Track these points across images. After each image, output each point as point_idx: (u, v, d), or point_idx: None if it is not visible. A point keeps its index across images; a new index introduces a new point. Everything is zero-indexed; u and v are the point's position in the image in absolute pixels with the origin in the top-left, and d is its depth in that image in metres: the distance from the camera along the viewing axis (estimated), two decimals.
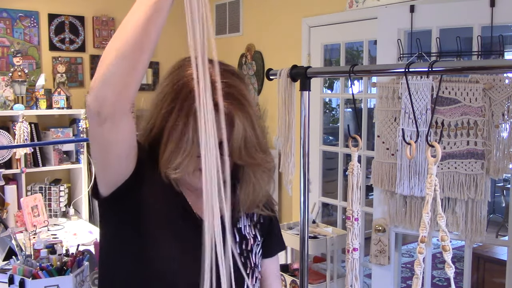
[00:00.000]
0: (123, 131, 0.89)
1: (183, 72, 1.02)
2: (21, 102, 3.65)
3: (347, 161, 3.85)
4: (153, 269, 1.03)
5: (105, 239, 1.12)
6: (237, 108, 0.99)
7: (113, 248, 1.09)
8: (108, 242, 1.11)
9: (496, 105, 2.26)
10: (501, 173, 2.31)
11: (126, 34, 0.78)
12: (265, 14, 4.10)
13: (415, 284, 1.09)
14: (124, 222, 1.05)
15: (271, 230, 1.23)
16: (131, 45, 0.78)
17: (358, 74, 1.38)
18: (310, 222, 2.52)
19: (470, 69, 1.33)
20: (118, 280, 1.07)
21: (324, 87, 4.61)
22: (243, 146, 1.00)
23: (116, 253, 1.08)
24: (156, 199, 1.05)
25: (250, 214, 1.18)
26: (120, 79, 0.80)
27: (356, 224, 1.37)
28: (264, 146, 1.06)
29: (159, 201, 1.05)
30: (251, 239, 1.16)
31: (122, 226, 1.05)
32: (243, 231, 1.15)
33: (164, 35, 4.38)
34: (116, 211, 1.05)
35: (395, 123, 2.52)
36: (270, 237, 1.23)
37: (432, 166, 1.05)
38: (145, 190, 1.04)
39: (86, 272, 1.98)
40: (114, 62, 0.79)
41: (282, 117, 1.58)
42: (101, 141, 0.90)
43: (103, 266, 1.14)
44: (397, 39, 2.59)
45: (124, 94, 0.82)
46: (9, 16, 3.86)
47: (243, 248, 1.14)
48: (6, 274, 2.00)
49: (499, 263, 3.49)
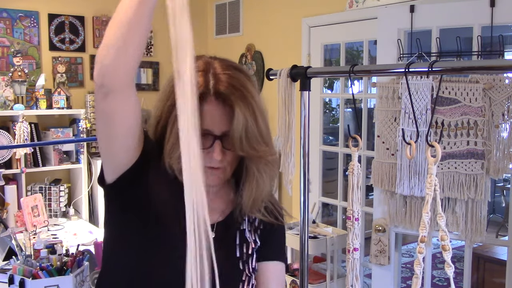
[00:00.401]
0: (126, 104, 0.93)
1: None
2: (21, 102, 3.65)
3: (347, 161, 3.85)
4: (158, 257, 1.03)
5: (109, 230, 1.12)
6: (238, 98, 1.00)
7: (118, 238, 1.09)
8: (112, 232, 1.11)
9: (496, 105, 2.26)
10: (501, 173, 2.31)
11: (122, 10, 0.85)
12: (265, 14, 4.10)
13: (414, 283, 1.09)
14: (129, 210, 1.05)
15: (270, 236, 1.18)
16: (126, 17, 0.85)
17: (358, 74, 1.38)
18: (310, 222, 2.52)
19: (470, 69, 1.33)
20: (121, 270, 1.08)
21: (324, 87, 4.61)
22: (244, 136, 1.00)
23: (120, 243, 1.08)
24: (161, 190, 1.05)
25: (252, 218, 1.16)
26: (118, 50, 0.86)
27: (357, 224, 1.37)
28: (267, 139, 1.06)
29: (164, 192, 1.06)
30: (251, 243, 1.14)
31: (126, 215, 1.06)
32: (246, 234, 1.14)
33: (164, 35, 4.39)
34: (121, 200, 1.05)
35: (395, 123, 2.53)
36: (268, 243, 1.18)
37: (432, 166, 1.05)
38: (150, 180, 1.04)
39: (86, 272, 1.98)
40: (112, 34, 0.86)
41: (282, 117, 1.58)
42: (106, 116, 0.93)
43: (107, 254, 1.14)
44: (397, 39, 2.59)
45: (124, 64, 0.88)
46: (9, 16, 3.86)
47: (244, 252, 1.12)
48: (6, 274, 2.00)
49: (499, 263, 3.49)
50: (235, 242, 1.12)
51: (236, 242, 1.12)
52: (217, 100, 1.01)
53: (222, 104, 1.01)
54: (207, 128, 1.01)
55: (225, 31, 4.58)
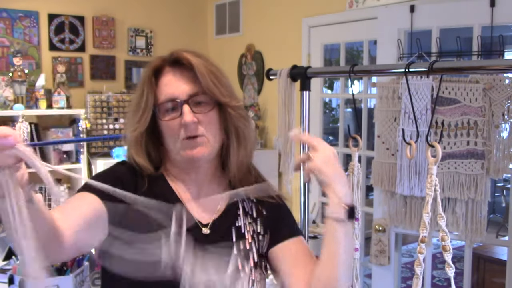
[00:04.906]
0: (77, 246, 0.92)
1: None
2: (21, 102, 3.65)
3: (347, 161, 3.85)
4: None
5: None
6: (192, 55, 1.06)
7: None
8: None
9: (496, 105, 2.26)
10: (501, 173, 2.31)
11: None
12: (265, 14, 4.10)
13: (415, 284, 1.09)
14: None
15: (276, 218, 1.16)
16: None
17: (358, 74, 1.38)
18: (310, 222, 2.52)
19: (470, 69, 1.33)
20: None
21: (324, 87, 4.61)
22: (218, 83, 1.05)
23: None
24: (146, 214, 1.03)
25: (248, 209, 1.15)
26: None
27: (356, 224, 1.37)
28: (232, 89, 1.10)
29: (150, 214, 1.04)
30: (249, 237, 1.12)
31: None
32: (243, 230, 1.12)
33: (164, 35, 4.38)
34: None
35: (395, 123, 2.52)
36: (277, 226, 1.15)
37: (432, 166, 1.05)
38: (132, 214, 1.01)
39: (86, 272, 1.98)
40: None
41: (282, 117, 1.58)
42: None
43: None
44: (397, 39, 2.58)
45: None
46: (9, 16, 3.86)
47: (241, 248, 1.10)
48: (6, 274, 2.00)
49: (499, 263, 3.49)
50: (232, 240, 1.11)
51: (232, 240, 1.11)
52: (172, 67, 1.06)
53: (179, 69, 1.05)
54: (171, 96, 1.04)
55: (225, 31, 4.58)
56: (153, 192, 1.08)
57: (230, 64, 4.34)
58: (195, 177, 1.12)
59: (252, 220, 1.14)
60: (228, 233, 1.11)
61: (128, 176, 1.10)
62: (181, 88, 1.04)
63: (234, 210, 1.14)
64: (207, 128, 1.06)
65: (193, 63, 1.04)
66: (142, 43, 4.48)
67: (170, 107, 1.05)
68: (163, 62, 1.07)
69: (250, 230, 1.13)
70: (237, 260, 1.09)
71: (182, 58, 1.05)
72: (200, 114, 1.04)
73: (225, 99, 1.06)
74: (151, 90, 1.06)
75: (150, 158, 1.12)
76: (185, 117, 1.02)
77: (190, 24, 4.73)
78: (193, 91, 1.04)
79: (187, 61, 1.04)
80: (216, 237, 1.09)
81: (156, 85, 1.07)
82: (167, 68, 1.06)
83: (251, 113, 3.97)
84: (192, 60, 1.04)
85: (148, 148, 1.11)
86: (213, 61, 1.09)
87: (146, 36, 4.49)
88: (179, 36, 4.66)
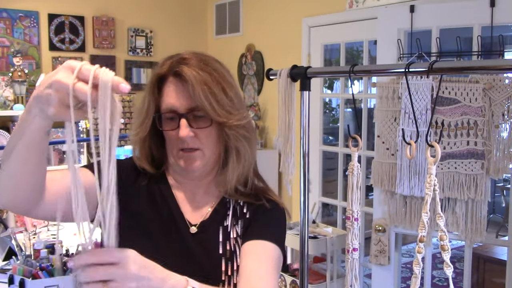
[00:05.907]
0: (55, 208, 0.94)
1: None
2: (21, 102, 3.65)
3: (347, 161, 3.85)
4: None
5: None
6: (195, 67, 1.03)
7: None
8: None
9: (496, 105, 2.26)
10: (501, 173, 2.31)
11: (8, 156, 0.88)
12: (265, 14, 4.10)
13: (413, 283, 1.09)
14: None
15: (257, 219, 1.12)
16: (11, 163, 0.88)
17: (358, 74, 1.38)
18: (310, 222, 2.52)
19: (470, 69, 1.33)
20: None
21: (324, 87, 4.61)
22: (215, 102, 1.02)
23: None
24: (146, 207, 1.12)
25: (237, 210, 1.14)
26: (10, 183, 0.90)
27: (356, 224, 1.37)
28: (237, 105, 1.08)
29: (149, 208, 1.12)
30: (233, 239, 1.11)
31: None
32: (229, 229, 1.12)
33: (164, 35, 4.38)
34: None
35: (395, 123, 2.52)
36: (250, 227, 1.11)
37: (431, 166, 1.05)
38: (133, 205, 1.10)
39: None
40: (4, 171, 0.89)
41: (282, 117, 1.58)
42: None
43: None
44: (397, 39, 2.59)
45: (20, 196, 0.92)
46: (9, 16, 3.86)
47: (227, 249, 1.09)
48: (6, 274, 2.00)
49: (499, 263, 3.49)
50: (218, 239, 1.10)
51: (219, 239, 1.10)
52: (175, 79, 1.04)
53: (181, 81, 1.04)
54: (171, 108, 1.04)
55: (225, 31, 4.58)
56: (151, 188, 1.14)
57: (230, 64, 4.32)
58: (191, 182, 1.15)
59: (235, 222, 1.13)
60: (216, 233, 1.11)
61: (131, 169, 1.15)
62: (181, 101, 1.04)
63: (225, 210, 1.14)
64: (204, 142, 1.06)
65: (189, 81, 1.02)
66: (142, 43, 4.48)
67: (170, 117, 1.06)
68: (168, 72, 1.05)
69: (233, 231, 1.12)
70: (221, 260, 1.08)
71: (182, 72, 1.03)
72: (198, 129, 1.05)
73: (221, 119, 1.04)
74: (153, 98, 1.07)
75: (153, 158, 1.15)
76: (181, 132, 1.03)
77: (190, 24, 4.73)
78: (192, 105, 1.03)
79: (186, 77, 1.02)
80: (203, 236, 1.10)
81: (159, 93, 1.07)
82: (171, 78, 1.05)
83: (251, 113, 3.97)
84: (190, 77, 1.02)
85: (151, 149, 1.14)
86: (221, 73, 1.06)
87: (146, 36, 4.49)
88: (179, 36, 4.66)
